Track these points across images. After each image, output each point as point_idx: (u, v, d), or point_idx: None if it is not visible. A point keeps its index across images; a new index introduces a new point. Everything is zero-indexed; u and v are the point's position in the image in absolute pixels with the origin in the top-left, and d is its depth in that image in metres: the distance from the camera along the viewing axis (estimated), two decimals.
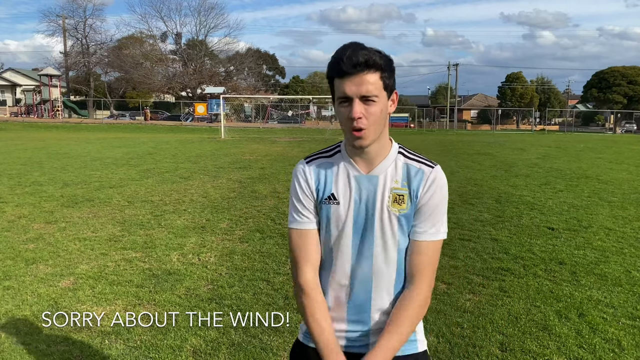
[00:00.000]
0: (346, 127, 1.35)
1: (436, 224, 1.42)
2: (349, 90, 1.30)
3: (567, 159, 16.37)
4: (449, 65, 58.56)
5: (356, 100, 1.30)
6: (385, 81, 1.33)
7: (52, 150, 16.90)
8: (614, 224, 6.69)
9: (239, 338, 3.33)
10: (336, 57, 1.31)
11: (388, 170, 1.42)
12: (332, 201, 1.42)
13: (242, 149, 19.24)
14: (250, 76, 61.94)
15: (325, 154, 1.49)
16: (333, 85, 1.35)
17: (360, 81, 1.29)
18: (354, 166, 1.42)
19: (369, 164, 1.42)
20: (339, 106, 1.35)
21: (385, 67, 1.33)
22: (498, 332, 3.46)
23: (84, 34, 55.07)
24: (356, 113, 1.30)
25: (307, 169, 1.46)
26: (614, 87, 52.99)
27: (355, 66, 1.28)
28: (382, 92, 1.33)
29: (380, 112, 1.33)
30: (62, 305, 3.83)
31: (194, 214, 7.00)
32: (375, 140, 1.37)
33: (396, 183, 1.41)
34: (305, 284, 1.43)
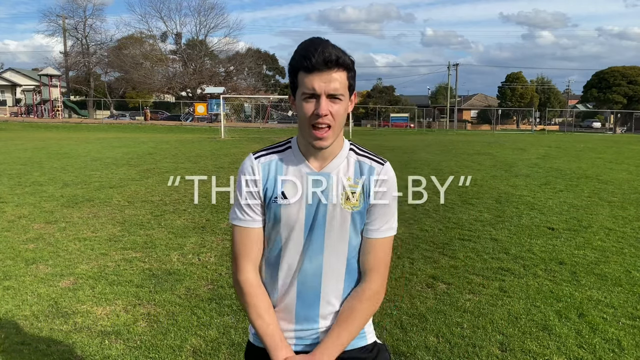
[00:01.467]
0: (307, 123, 1.32)
1: (389, 221, 1.42)
2: (317, 86, 1.28)
3: (567, 159, 16.37)
4: (449, 65, 58.62)
5: (323, 97, 1.29)
6: (350, 81, 1.34)
7: (52, 150, 16.89)
8: (614, 224, 6.69)
9: (239, 338, 3.33)
10: (304, 51, 1.29)
11: (340, 167, 1.40)
12: (281, 200, 1.38)
13: (242, 149, 19.24)
14: (250, 76, 61.92)
15: (276, 149, 1.45)
16: (296, 78, 1.33)
17: (330, 78, 1.28)
18: (305, 164, 1.40)
19: (322, 161, 1.40)
20: (302, 101, 1.32)
21: (352, 67, 1.33)
22: (498, 332, 3.46)
23: (84, 34, 55.11)
24: (323, 110, 1.29)
25: (255, 166, 1.41)
26: (614, 87, 53.01)
27: (326, 63, 1.27)
28: (347, 91, 1.33)
29: (344, 111, 1.34)
30: (62, 305, 3.83)
31: (194, 214, 7.00)
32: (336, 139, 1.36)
33: (349, 180, 1.39)
34: (245, 282, 1.42)
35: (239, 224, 1.43)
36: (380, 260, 1.43)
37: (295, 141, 1.44)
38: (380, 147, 21.32)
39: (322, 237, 1.39)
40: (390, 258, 1.47)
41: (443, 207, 7.63)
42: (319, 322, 1.44)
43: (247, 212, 1.42)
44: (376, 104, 56.48)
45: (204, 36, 59.44)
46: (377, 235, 1.41)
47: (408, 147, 22.24)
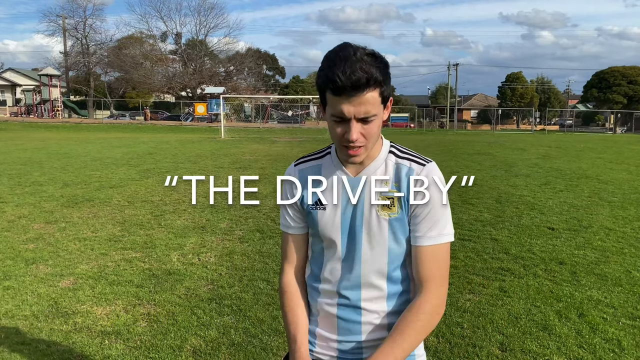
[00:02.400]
0: (339, 143, 1.26)
1: (437, 226, 1.29)
2: (347, 111, 1.19)
3: (567, 159, 16.37)
4: (449, 65, 58.59)
5: (354, 121, 1.20)
6: (384, 95, 1.22)
7: (52, 150, 16.89)
8: (614, 224, 6.69)
9: (239, 338, 3.33)
10: (331, 71, 1.16)
11: (377, 171, 1.33)
12: (318, 206, 1.35)
13: (242, 149, 19.24)
14: (250, 76, 61.93)
15: (315, 156, 1.42)
16: (324, 95, 1.23)
17: (360, 102, 1.17)
18: (342, 170, 1.34)
19: (359, 166, 1.33)
20: (332, 122, 1.24)
21: (385, 79, 1.20)
22: (498, 332, 3.46)
23: (84, 34, 55.11)
24: (354, 136, 1.21)
25: (294, 173, 1.40)
26: (614, 87, 53.01)
27: (355, 87, 1.15)
28: (380, 107, 1.23)
29: (377, 128, 1.25)
30: (62, 305, 3.83)
31: (194, 214, 7.00)
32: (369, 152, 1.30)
33: (386, 185, 1.31)
34: (284, 284, 1.44)
35: (283, 230, 1.45)
36: (431, 270, 1.29)
37: (334, 148, 1.38)
38: None
39: (359, 245, 1.32)
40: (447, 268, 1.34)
41: None
42: (362, 335, 1.37)
43: (287, 218, 1.42)
44: None
45: (204, 36, 59.48)
46: (423, 243, 1.30)
47: (408, 147, 22.22)
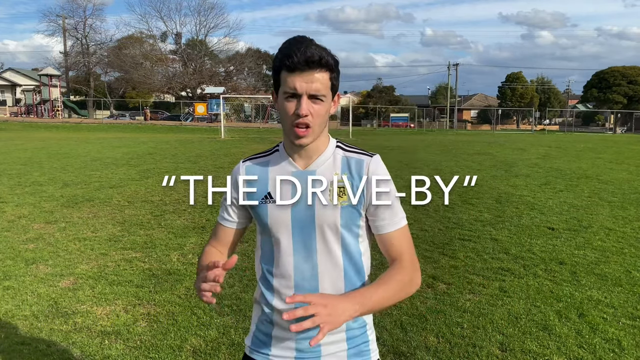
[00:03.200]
0: (289, 123, 1.32)
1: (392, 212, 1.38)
2: (299, 86, 1.28)
3: (567, 159, 16.37)
4: (449, 65, 58.63)
5: (304, 97, 1.28)
6: (333, 82, 1.32)
7: (52, 150, 16.89)
8: (614, 224, 6.69)
9: (239, 338, 3.33)
10: (288, 50, 1.28)
11: (326, 163, 1.38)
12: (268, 200, 1.38)
13: (242, 149, 19.24)
14: (250, 76, 61.91)
15: (264, 153, 1.49)
16: (279, 76, 1.32)
17: (311, 79, 1.27)
18: (291, 163, 1.39)
19: (307, 159, 1.39)
20: (284, 100, 1.32)
21: (335, 67, 1.32)
22: (498, 332, 3.46)
23: (84, 34, 55.13)
24: (304, 110, 1.28)
25: (241, 169, 1.45)
26: (614, 87, 53.00)
27: (308, 63, 1.26)
28: (329, 92, 1.32)
29: (325, 112, 1.33)
30: (62, 305, 3.83)
31: (194, 214, 7.00)
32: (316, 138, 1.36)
33: (336, 175, 1.37)
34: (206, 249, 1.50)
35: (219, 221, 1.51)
36: (401, 249, 1.38)
37: (282, 145, 1.44)
38: (380, 147, 21.31)
39: (312, 235, 1.36)
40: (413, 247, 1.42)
41: (443, 207, 7.62)
42: None
43: (228, 211, 1.48)
44: (376, 104, 56.49)
45: (204, 36, 59.48)
46: (389, 229, 1.38)
47: (408, 147, 22.24)
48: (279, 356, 1.42)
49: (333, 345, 1.39)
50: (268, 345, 1.43)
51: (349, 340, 1.40)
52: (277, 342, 1.42)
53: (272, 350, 1.42)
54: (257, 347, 1.46)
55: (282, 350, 1.41)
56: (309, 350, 1.38)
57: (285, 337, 1.40)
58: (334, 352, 1.39)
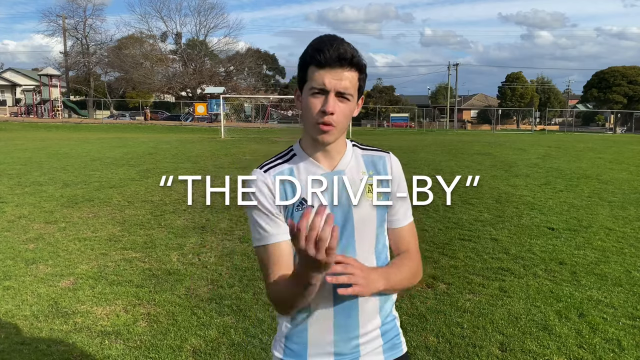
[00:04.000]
0: (313, 119, 1.29)
1: (407, 207, 1.44)
2: (328, 82, 1.26)
3: (567, 159, 16.37)
4: (449, 65, 58.59)
5: (332, 94, 1.27)
6: (360, 83, 1.32)
7: (52, 150, 16.89)
8: (614, 224, 6.69)
9: (239, 338, 3.33)
10: (320, 45, 1.26)
11: (351, 163, 1.39)
12: (304, 207, 1.31)
13: (242, 149, 19.24)
14: (250, 76, 61.91)
15: (282, 158, 1.39)
16: (306, 72, 1.29)
17: (341, 76, 1.26)
18: (317, 165, 1.36)
19: (331, 160, 1.37)
20: (309, 96, 1.28)
21: (364, 69, 1.32)
22: (498, 332, 3.46)
23: (84, 34, 55.12)
24: (330, 107, 1.26)
25: (267, 180, 1.32)
26: (614, 87, 52.99)
27: (340, 60, 1.25)
28: (356, 92, 1.31)
29: (349, 112, 1.31)
30: (62, 305, 3.83)
31: (194, 214, 7.00)
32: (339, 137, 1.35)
33: (364, 174, 1.38)
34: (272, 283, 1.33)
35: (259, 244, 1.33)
36: (410, 243, 1.43)
37: (299, 146, 1.39)
38: (380, 147, 21.27)
39: (352, 235, 1.35)
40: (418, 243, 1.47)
41: (443, 207, 7.62)
42: (359, 330, 1.36)
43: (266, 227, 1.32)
44: (376, 104, 56.50)
45: (204, 36, 59.48)
46: (402, 224, 1.42)
47: (408, 147, 22.24)
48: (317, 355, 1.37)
49: (370, 344, 1.39)
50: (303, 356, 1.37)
51: (383, 335, 1.41)
52: (314, 349, 1.36)
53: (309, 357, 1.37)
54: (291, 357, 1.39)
55: (319, 357, 1.37)
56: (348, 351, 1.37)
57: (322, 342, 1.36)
58: (372, 350, 1.39)
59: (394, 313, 1.47)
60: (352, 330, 1.36)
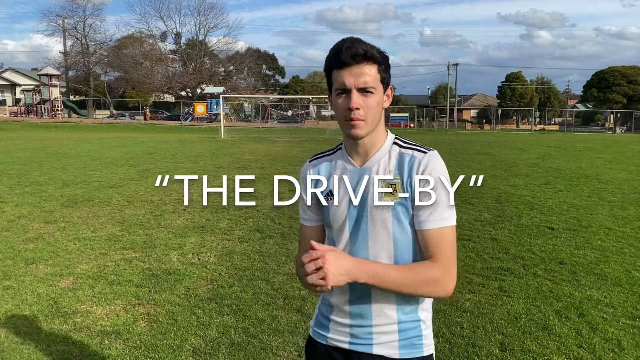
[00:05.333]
0: (343, 119, 1.37)
1: (437, 210, 1.36)
2: (347, 81, 1.33)
3: (567, 159, 16.37)
4: (449, 65, 58.55)
5: (354, 91, 1.33)
6: (382, 75, 1.36)
7: (52, 150, 16.89)
8: (614, 224, 6.69)
9: (239, 338, 3.33)
10: (335, 49, 1.34)
11: (381, 161, 1.42)
12: (330, 198, 1.45)
13: (242, 149, 19.24)
14: (250, 76, 61.94)
15: (329, 153, 1.53)
16: (331, 78, 1.38)
17: (359, 72, 1.32)
18: (350, 161, 1.44)
19: (364, 156, 1.43)
20: (336, 98, 1.37)
21: (383, 61, 1.36)
22: (498, 332, 3.46)
23: (84, 34, 55.13)
24: (354, 103, 1.32)
25: (309, 170, 1.51)
26: (614, 87, 52.99)
27: (354, 57, 1.31)
28: (379, 85, 1.36)
29: (377, 105, 1.36)
30: (62, 305, 3.83)
31: (193, 214, 7.00)
32: (371, 132, 1.39)
33: (389, 173, 1.40)
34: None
35: (301, 222, 1.57)
36: (436, 251, 1.35)
37: (344, 143, 1.49)
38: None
39: (365, 233, 1.41)
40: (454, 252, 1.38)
41: None
42: (372, 320, 1.44)
43: (304, 210, 1.54)
44: None
45: (204, 36, 59.50)
46: (426, 227, 1.36)
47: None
48: (335, 339, 1.49)
49: (385, 336, 1.44)
50: (327, 328, 1.51)
51: (401, 332, 1.44)
52: (335, 326, 1.49)
53: (330, 333, 1.50)
54: (319, 330, 1.53)
55: (338, 334, 1.48)
56: (363, 336, 1.45)
57: (342, 322, 1.48)
58: (386, 342, 1.43)
59: (420, 316, 1.45)
60: (366, 319, 1.44)
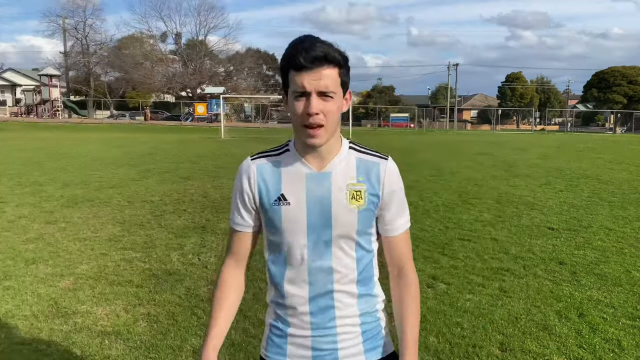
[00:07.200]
0: (299, 123, 1.28)
1: (403, 215, 1.43)
2: (307, 84, 1.24)
3: (567, 159, 16.36)
4: (449, 66, 58.59)
5: (314, 95, 1.25)
6: (342, 78, 1.29)
7: (52, 150, 16.89)
8: (614, 224, 6.69)
9: (239, 338, 3.33)
10: (293, 49, 1.25)
11: (340, 166, 1.35)
12: (282, 202, 1.34)
13: (243, 149, 19.22)
14: (250, 76, 61.95)
15: (273, 152, 1.42)
16: (287, 77, 1.29)
17: (319, 76, 1.24)
18: (305, 164, 1.35)
19: (321, 161, 1.34)
20: (293, 100, 1.28)
21: (344, 63, 1.29)
22: (498, 332, 3.46)
23: (84, 34, 55.16)
24: (314, 108, 1.24)
25: (251, 170, 1.39)
26: (614, 87, 53.01)
27: (313, 60, 1.23)
28: (339, 88, 1.29)
29: (336, 110, 1.29)
30: (62, 305, 3.83)
31: (194, 214, 7.00)
32: (330, 138, 1.32)
33: (351, 179, 1.35)
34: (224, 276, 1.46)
35: (233, 227, 1.46)
36: (405, 254, 1.44)
37: (293, 144, 1.39)
38: (380, 147, 21.30)
39: (328, 238, 1.34)
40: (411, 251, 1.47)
41: (443, 207, 7.63)
42: (336, 330, 1.37)
43: (242, 216, 1.43)
44: (376, 104, 56.50)
45: (204, 36, 59.52)
46: (396, 233, 1.41)
47: (409, 147, 22.25)
48: (296, 356, 1.39)
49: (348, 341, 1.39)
50: (284, 345, 1.40)
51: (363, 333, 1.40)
52: (293, 340, 1.39)
53: (289, 349, 1.39)
54: (273, 348, 1.43)
55: (298, 348, 1.39)
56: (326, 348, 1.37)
57: (301, 335, 1.38)
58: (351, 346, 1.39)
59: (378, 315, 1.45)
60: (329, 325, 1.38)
